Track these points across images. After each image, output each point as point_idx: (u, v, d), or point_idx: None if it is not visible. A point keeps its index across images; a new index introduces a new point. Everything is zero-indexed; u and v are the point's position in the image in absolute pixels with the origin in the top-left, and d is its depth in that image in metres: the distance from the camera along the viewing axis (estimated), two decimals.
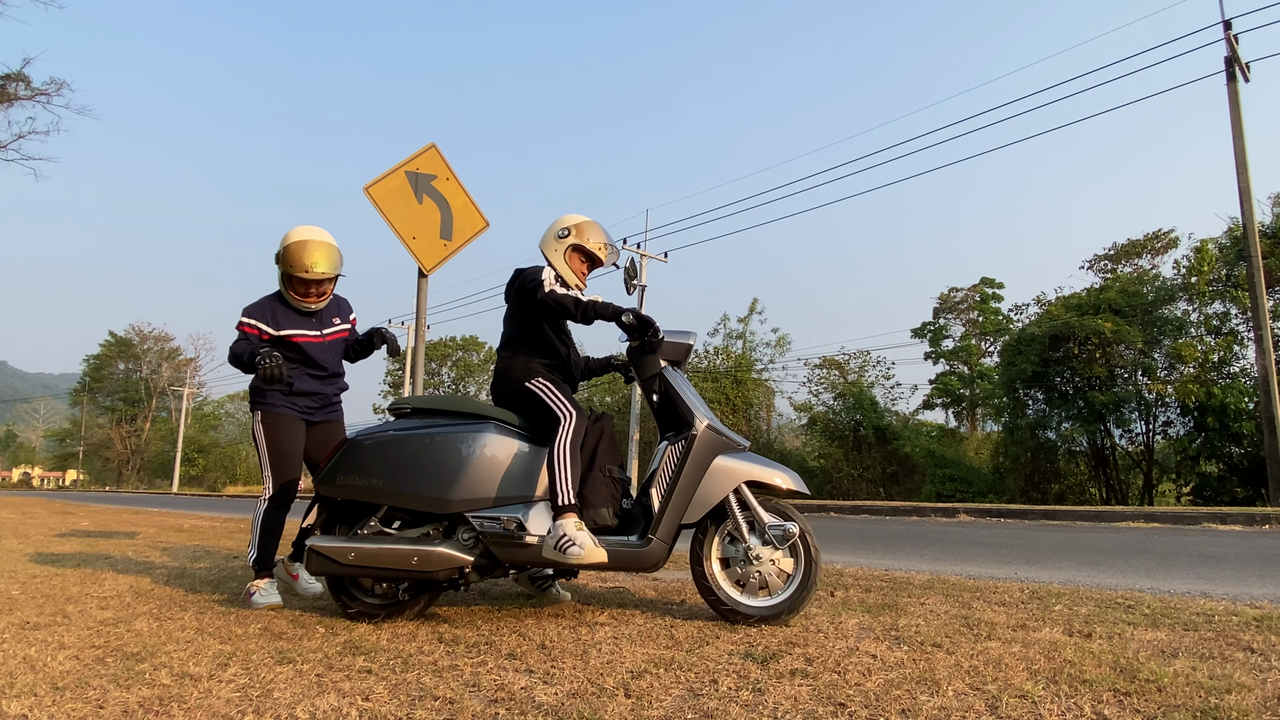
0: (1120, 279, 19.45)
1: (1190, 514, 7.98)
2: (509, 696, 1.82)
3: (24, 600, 3.21)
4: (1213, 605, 2.85)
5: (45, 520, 9.68)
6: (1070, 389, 15.99)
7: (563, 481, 2.60)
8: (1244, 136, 11.45)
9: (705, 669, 2.02)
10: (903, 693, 1.78)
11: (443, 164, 4.96)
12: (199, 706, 1.76)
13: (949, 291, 34.94)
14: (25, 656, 2.22)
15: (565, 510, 2.58)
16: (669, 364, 2.81)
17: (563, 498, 2.59)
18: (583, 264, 2.99)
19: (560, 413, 2.73)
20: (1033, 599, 3.02)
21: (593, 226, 2.98)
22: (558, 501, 2.59)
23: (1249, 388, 13.88)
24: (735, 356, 25.39)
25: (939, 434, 24.11)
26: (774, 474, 2.65)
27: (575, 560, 2.50)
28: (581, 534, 2.54)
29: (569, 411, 2.72)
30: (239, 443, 55.47)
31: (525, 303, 2.86)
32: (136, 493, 40.69)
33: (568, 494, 2.59)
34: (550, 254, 2.95)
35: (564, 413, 2.73)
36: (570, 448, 2.65)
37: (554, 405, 2.76)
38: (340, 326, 3.37)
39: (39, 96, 15.85)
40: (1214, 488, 14.25)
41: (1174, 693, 1.75)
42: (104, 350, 61.94)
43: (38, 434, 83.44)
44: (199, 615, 2.85)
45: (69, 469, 68.65)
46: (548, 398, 2.77)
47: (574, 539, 2.52)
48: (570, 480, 2.61)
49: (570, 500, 2.59)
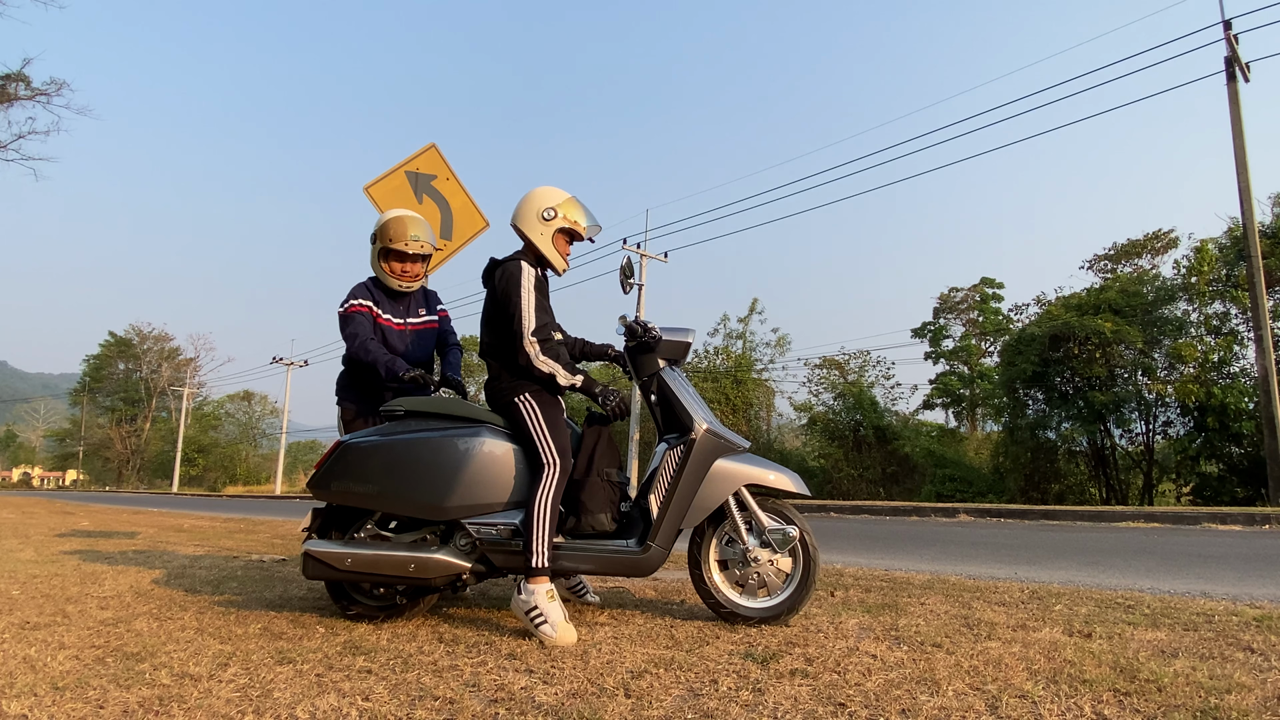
0: (1120, 279, 19.45)
1: (1190, 514, 7.98)
2: (509, 696, 1.81)
3: (24, 600, 3.21)
4: (1213, 605, 2.85)
5: (45, 520, 9.68)
6: (1070, 389, 16.00)
7: (537, 540, 2.46)
8: (1244, 136, 11.45)
9: (705, 669, 2.02)
10: (903, 693, 1.78)
11: (443, 164, 4.95)
12: (199, 706, 1.76)
13: (949, 291, 34.97)
14: (25, 656, 2.22)
15: (536, 574, 2.45)
16: (667, 363, 2.77)
17: (536, 559, 2.45)
18: (567, 244, 2.80)
19: (545, 457, 2.56)
20: (1033, 599, 3.02)
21: (576, 204, 2.78)
22: (531, 562, 2.45)
23: (1249, 388, 13.87)
24: (735, 356, 25.39)
25: (939, 434, 24.12)
26: (774, 476, 2.63)
27: (545, 641, 2.36)
28: (553, 605, 2.41)
29: (554, 459, 2.55)
30: (239, 443, 55.49)
31: (502, 311, 2.67)
32: (136, 493, 40.70)
33: (541, 556, 2.46)
34: (534, 236, 2.72)
35: (549, 459, 2.56)
36: (550, 505, 2.50)
37: (539, 443, 2.59)
38: (427, 318, 3.31)
39: (39, 96, 15.87)
40: (1214, 488, 14.25)
41: (1174, 693, 1.75)
42: (104, 350, 61.97)
43: (38, 434, 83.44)
44: (199, 615, 2.85)
45: (69, 469, 68.66)
46: (534, 429, 2.60)
47: (545, 614, 2.39)
48: (546, 539, 2.47)
49: (543, 564, 2.46)
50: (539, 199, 2.75)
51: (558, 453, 2.57)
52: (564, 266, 2.80)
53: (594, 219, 2.86)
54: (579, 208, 2.79)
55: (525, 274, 2.65)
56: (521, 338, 2.60)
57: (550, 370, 2.62)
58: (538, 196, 2.76)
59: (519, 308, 2.61)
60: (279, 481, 36.81)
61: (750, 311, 25.97)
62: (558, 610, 2.42)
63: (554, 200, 2.74)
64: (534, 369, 2.61)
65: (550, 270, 2.82)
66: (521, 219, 2.75)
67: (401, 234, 3.11)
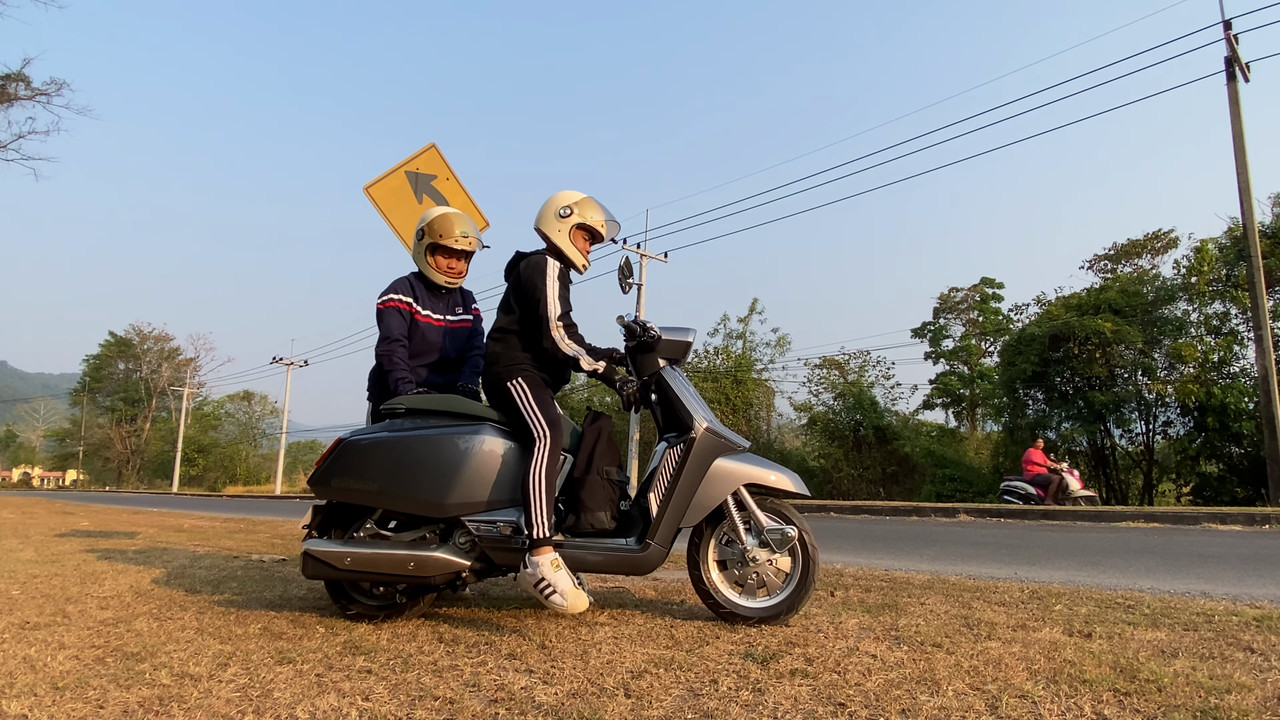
0: (1120, 279, 19.45)
1: (1190, 514, 7.98)
2: (509, 696, 1.81)
3: (24, 600, 3.21)
4: (1213, 605, 2.85)
5: (45, 520, 9.68)
6: (1070, 389, 16.01)
7: (536, 511, 2.48)
8: (1244, 136, 11.45)
9: (705, 669, 2.02)
10: (903, 693, 1.78)
11: (443, 164, 4.95)
12: (199, 706, 1.76)
13: (949, 291, 34.94)
14: (25, 656, 2.22)
15: (539, 544, 2.47)
16: (668, 363, 2.78)
17: (536, 529, 2.47)
18: (586, 241, 2.91)
19: (535, 430, 2.60)
20: (1033, 599, 3.02)
21: (592, 203, 2.89)
22: (531, 533, 2.48)
23: (1249, 388, 13.88)
24: (735, 356, 25.39)
25: (939, 434, 24.11)
26: (774, 475, 2.63)
27: (558, 610, 2.40)
28: (559, 574, 2.44)
29: (544, 430, 2.59)
30: (239, 442, 55.48)
31: (519, 297, 2.76)
32: (136, 493, 40.70)
33: (541, 525, 2.47)
34: (554, 234, 2.83)
35: (539, 431, 2.59)
36: (545, 474, 2.52)
37: (529, 418, 2.62)
38: (463, 316, 3.31)
39: (39, 96, 15.88)
40: (1214, 488, 14.26)
41: (1174, 693, 1.75)
42: (104, 350, 61.99)
43: (38, 434, 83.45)
44: (199, 615, 2.85)
45: (69, 469, 68.67)
46: (524, 407, 2.64)
47: (553, 584, 2.42)
48: (545, 509, 2.49)
49: (544, 533, 2.47)
50: (557, 199, 2.89)
51: (547, 424, 2.61)
52: (584, 264, 2.91)
53: (612, 217, 2.97)
54: (595, 206, 2.91)
55: (550, 265, 2.75)
56: (548, 322, 2.68)
57: (574, 354, 2.70)
58: (557, 197, 2.90)
59: (544, 293, 2.70)
60: (279, 481, 36.82)
61: (750, 311, 25.99)
62: (565, 579, 2.44)
63: (571, 199, 2.88)
64: (559, 351, 2.68)
65: (572, 269, 2.90)
66: (542, 220, 2.88)
67: (450, 230, 3.13)
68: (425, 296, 3.19)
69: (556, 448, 2.60)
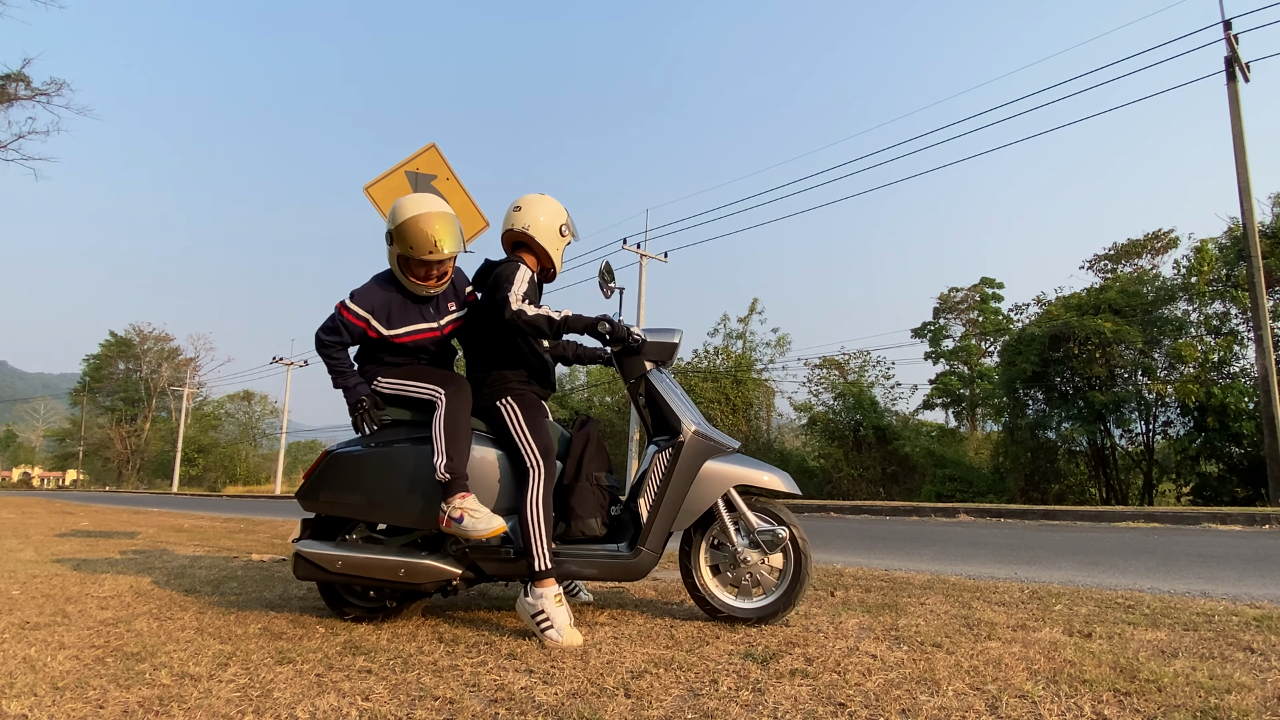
0: (1120, 279, 19.46)
1: (1190, 514, 7.98)
2: (509, 696, 1.81)
3: (24, 600, 3.21)
4: (1213, 605, 2.85)
5: (45, 520, 9.68)
6: (1070, 389, 16.00)
7: (536, 543, 2.46)
8: (1244, 136, 11.45)
9: (705, 669, 2.02)
10: (903, 693, 1.78)
11: (443, 164, 4.95)
12: (199, 706, 1.76)
13: (949, 291, 34.95)
14: (25, 656, 2.22)
15: (541, 577, 2.45)
16: (655, 365, 2.75)
17: (538, 562, 2.45)
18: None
19: (530, 460, 2.56)
20: (1033, 599, 3.02)
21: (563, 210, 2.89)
22: (534, 566, 2.46)
23: (1249, 388, 13.88)
24: (735, 356, 25.38)
25: (939, 434, 24.11)
26: (765, 476, 2.61)
27: (550, 645, 2.31)
28: (560, 610, 2.40)
29: (538, 461, 2.55)
30: (239, 443, 55.48)
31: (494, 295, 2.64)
32: (136, 493, 40.69)
33: (542, 557, 2.46)
34: (550, 247, 2.82)
35: (533, 461, 2.55)
36: (542, 507, 2.49)
37: (523, 447, 2.58)
38: (455, 315, 2.85)
39: (39, 96, 15.88)
40: (1214, 488, 14.25)
41: (1174, 693, 1.75)
42: (104, 350, 62.00)
43: (38, 434, 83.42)
44: (199, 615, 2.85)
45: (69, 469, 68.66)
46: (515, 430, 2.61)
47: (551, 619, 2.37)
48: (544, 541, 2.47)
49: (545, 565, 2.46)
50: (557, 213, 2.87)
51: (541, 455, 2.57)
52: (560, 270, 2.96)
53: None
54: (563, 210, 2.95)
55: (523, 269, 2.71)
56: (507, 301, 2.56)
57: (538, 314, 2.57)
58: (554, 209, 2.86)
59: (510, 282, 2.63)
60: (279, 481, 36.83)
61: (750, 311, 25.99)
62: (564, 615, 2.41)
63: (565, 218, 2.90)
64: (523, 320, 2.55)
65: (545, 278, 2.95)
66: (538, 229, 2.81)
67: (422, 244, 2.57)
68: (405, 310, 2.72)
69: (551, 478, 2.57)
